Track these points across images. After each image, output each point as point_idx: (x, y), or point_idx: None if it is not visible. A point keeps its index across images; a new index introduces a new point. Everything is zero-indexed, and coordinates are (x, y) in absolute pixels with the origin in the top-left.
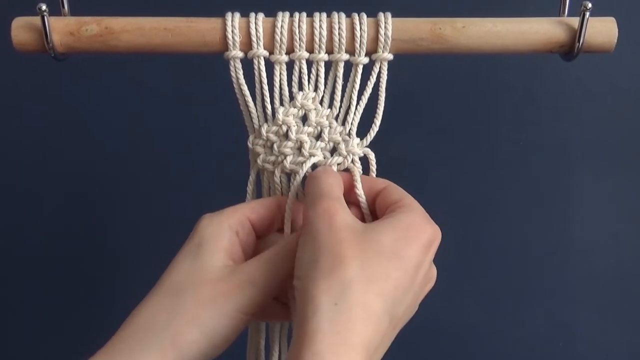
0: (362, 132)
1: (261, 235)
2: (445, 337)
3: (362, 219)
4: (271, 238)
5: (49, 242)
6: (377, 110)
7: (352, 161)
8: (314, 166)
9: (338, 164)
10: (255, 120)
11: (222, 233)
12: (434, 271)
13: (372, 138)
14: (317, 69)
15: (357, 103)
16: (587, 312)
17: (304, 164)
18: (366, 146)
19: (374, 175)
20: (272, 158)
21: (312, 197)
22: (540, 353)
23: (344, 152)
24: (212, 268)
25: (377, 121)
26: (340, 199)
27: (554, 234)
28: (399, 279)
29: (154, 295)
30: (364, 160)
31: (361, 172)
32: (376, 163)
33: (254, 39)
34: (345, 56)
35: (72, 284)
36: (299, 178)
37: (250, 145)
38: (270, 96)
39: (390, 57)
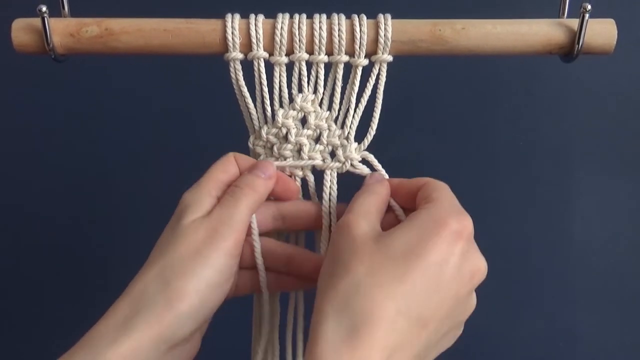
0: (361, 134)
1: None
2: None
3: None
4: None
5: (49, 242)
6: (374, 113)
7: (352, 165)
8: (316, 170)
9: (337, 169)
10: (256, 122)
11: (202, 199)
12: (476, 263)
13: (369, 142)
14: (317, 71)
15: (356, 105)
16: (587, 312)
17: (300, 164)
18: (364, 150)
19: (384, 173)
20: (273, 159)
21: (348, 210)
22: (540, 353)
23: (342, 158)
24: (191, 225)
25: (374, 125)
26: (368, 214)
27: (554, 234)
28: (417, 278)
29: (143, 269)
30: (366, 163)
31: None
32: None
33: (253, 40)
34: (345, 58)
35: (72, 284)
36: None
37: (251, 145)
38: (270, 98)
39: (390, 58)
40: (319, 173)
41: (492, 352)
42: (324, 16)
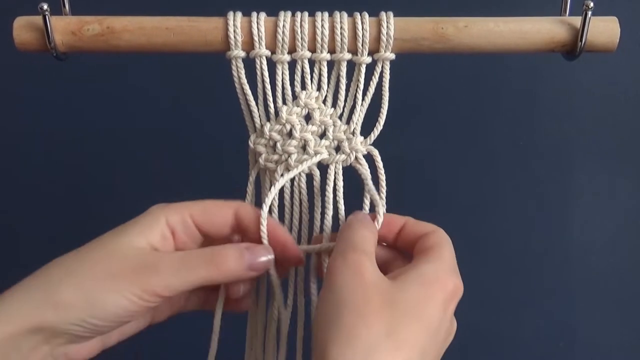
0: (366, 131)
1: (216, 240)
2: None
3: (388, 260)
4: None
5: (49, 242)
6: (381, 109)
7: (357, 158)
8: (320, 165)
9: (342, 162)
10: (257, 120)
11: (155, 224)
12: (454, 325)
13: (375, 137)
14: (320, 69)
15: (362, 102)
16: (587, 312)
17: (310, 161)
18: (370, 144)
19: (382, 172)
20: (275, 157)
21: (344, 246)
22: (540, 353)
23: (347, 150)
24: (123, 247)
25: (382, 120)
26: (372, 255)
27: (554, 234)
28: (425, 342)
29: (60, 258)
30: (369, 158)
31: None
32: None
33: (255, 38)
34: (348, 55)
35: None
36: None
37: (251, 144)
38: (272, 95)
39: (393, 56)
40: (323, 170)
41: (492, 352)
42: (326, 14)
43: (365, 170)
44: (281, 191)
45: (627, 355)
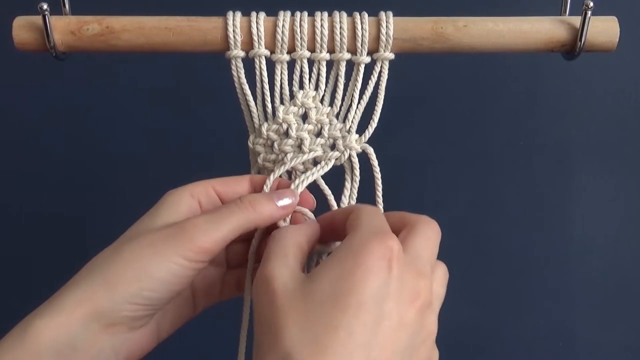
0: (361, 130)
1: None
2: (445, 337)
3: None
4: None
5: (49, 242)
6: (376, 108)
7: (350, 156)
8: (315, 162)
9: (336, 159)
10: (256, 120)
11: (182, 199)
12: (413, 285)
13: (370, 134)
14: (319, 68)
15: (359, 102)
16: (587, 312)
17: (302, 157)
18: (365, 142)
19: (377, 171)
20: (273, 157)
21: (262, 261)
22: (540, 353)
23: (341, 148)
24: (158, 224)
25: (376, 118)
26: (284, 257)
27: (554, 234)
28: (353, 321)
29: (101, 252)
30: (364, 156)
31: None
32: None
33: (255, 38)
34: (347, 55)
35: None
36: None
37: (250, 144)
38: (270, 95)
39: (392, 56)
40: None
41: (492, 352)
42: (326, 14)
43: (355, 169)
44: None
45: (627, 355)
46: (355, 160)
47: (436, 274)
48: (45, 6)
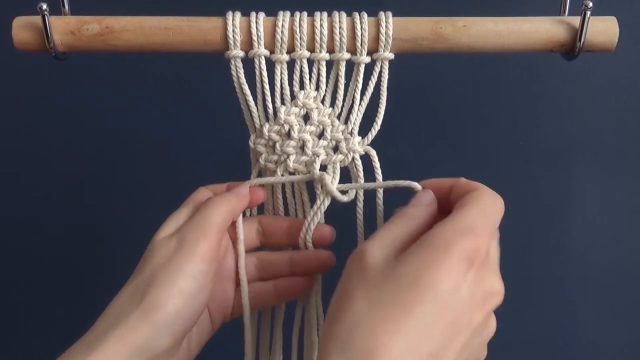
0: (363, 131)
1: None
2: None
3: None
4: None
5: (49, 242)
6: (379, 109)
7: (353, 159)
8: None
9: (340, 162)
10: (257, 120)
11: (176, 216)
12: (489, 287)
13: (373, 137)
14: (319, 68)
15: (360, 102)
16: (587, 312)
17: (313, 164)
18: (368, 144)
19: (379, 173)
20: (275, 157)
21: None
22: (540, 353)
23: (345, 150)
24: (164, 238)
25: (379, 120)
26: (388, 239)
27: (554, 234)
28: (426, 310)
29: (121, 289)
30: (367, 158)
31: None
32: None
33: (254, 38)
34: (347, 55)
35: (71, 284)
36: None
37: (251, 144)
38: (271, 95)
39: (391, 56)
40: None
41: (492, 352)
42: (325, 14)
43: (359, 172)
44: (283, 192)
45: (627, 355)
46: (359, 162)
47: None
48: (44, 6)
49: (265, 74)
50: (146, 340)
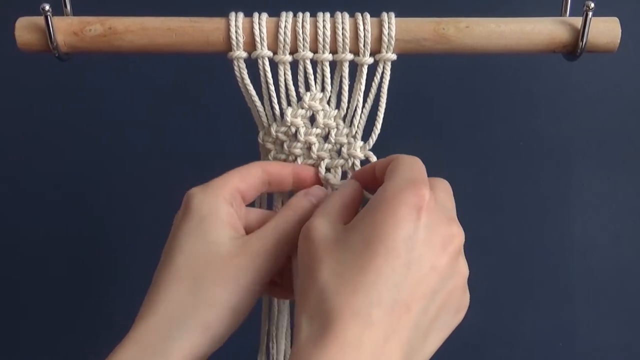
0: (365, 134)
1: (247, 202)
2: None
3: None
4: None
5: (49, 242)
6: (379, 112)
7: (353, 164)
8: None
9: (341, 166)
10: (264, 119)
11: (219, 207)
12: (445, 231)
13: (374, 142)
14: (323, 70)
15: (363, 104)
16: (587, 312)
17: (319, 167)
18: (369, 150)
19: None
20: (283, 157)
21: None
22: (540, 353)
23: (345, 155)
24: (222, 244)
25: (379, 124)
26: (329, 212)
27: (554, 234)
28: (382, 264)
29: (170, 283)
30: (367, 162)
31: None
32: None
33: (257, 39)
34: (350, 56)
35: (71, 284)
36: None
37: (260, 141)
38: (276, 96)
39: (394, 57)
40: None
41: (492, 352)
42: (328, 15)
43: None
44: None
45: (627, 355)
46: (359, 167)
47: None
48: (47, 7)
49: (269, 75)
50: (204, 352)
